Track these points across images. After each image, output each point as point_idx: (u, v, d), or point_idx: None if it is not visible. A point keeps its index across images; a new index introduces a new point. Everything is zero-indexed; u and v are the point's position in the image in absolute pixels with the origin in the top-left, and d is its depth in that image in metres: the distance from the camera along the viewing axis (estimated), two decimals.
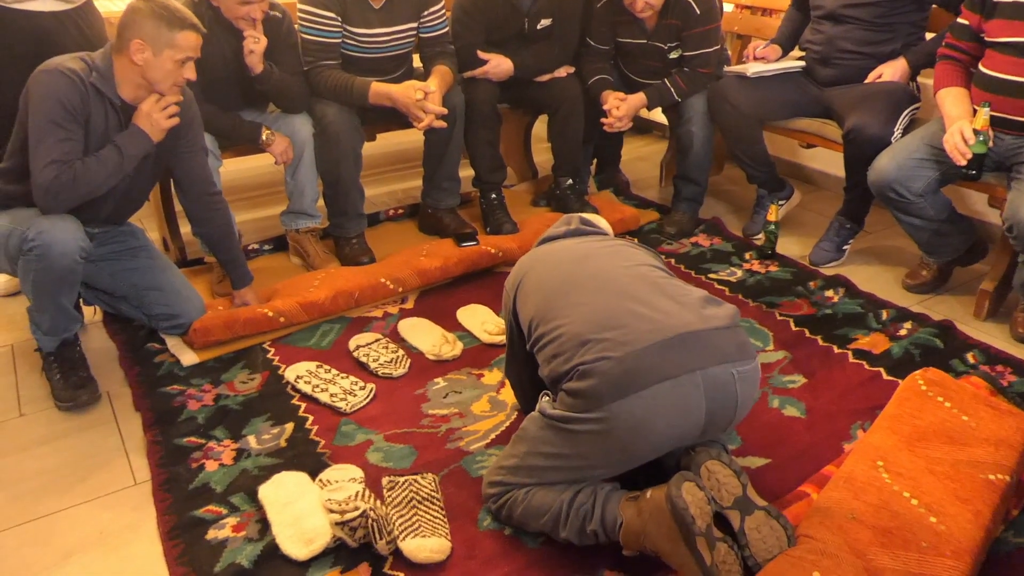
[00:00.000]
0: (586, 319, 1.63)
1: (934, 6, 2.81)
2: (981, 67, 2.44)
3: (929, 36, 2.84)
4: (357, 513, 1.62)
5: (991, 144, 2.34)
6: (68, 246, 2.02)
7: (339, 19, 2.75)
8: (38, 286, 2.09)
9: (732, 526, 1.54)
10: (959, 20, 2.51)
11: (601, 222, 2.12)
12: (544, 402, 1.67)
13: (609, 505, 1.58)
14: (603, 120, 3.08)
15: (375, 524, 1.63)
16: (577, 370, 1.56)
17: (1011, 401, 2.00)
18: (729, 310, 1.68)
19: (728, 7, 3.53)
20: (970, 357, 2.34)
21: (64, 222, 2.04)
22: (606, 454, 1.59)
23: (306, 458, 1.96)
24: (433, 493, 1.81)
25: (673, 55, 3.07)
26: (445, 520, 1.74)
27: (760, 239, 3.08)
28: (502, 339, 2.44)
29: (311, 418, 2.12)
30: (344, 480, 1.83)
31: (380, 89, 2.76)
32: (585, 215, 2.11)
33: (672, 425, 1.56)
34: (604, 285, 1.71)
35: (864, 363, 2.32)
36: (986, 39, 2.41)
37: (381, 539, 1.63)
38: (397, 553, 1.66)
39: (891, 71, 2.79)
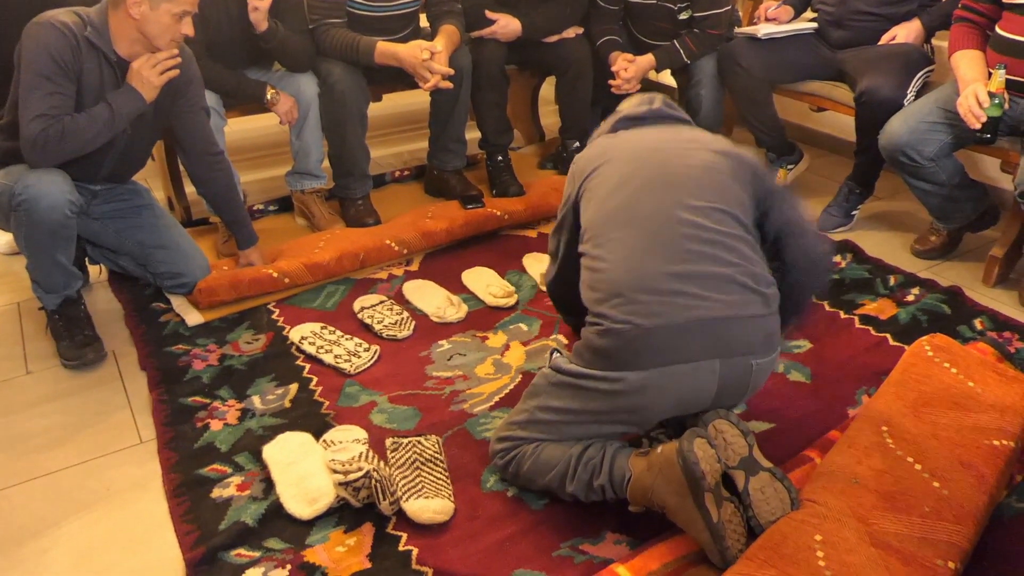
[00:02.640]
0: (628, 270, 1.59)
1: None
2: (998, 29, 2.39)
3: None
4: (361, 474, 1.62)
5: (1006, 107, 2.30)
6: (56, 199, 2.01)
7: None
8: (30, 241, 2.08)
9: (736, 486, 1.54)
10: None
11: (679, 110, 1.98)
12: (557, 357, 1.69)
13: (618, 460, 1.59)
14: (611, 82, 3.04)
15: (379, 485, 1.63)
16: (602, 323, 1.56)
17: (1018, 367, 2.00)
18: (770, 291, 1.62)
19: None
20: (978, 323, 2.32)
21: (51, 176, 2.03)
22: (613, 413, 1.61)
23: (310, 419, 1.97)
24: (436, 455, 1.81)
25: (683, 16, 3.02)
26: (448, 481, 1.75)
27: None
28: (507, 302, 2.44)
29: (315, 379, 2.12)
30: (348, 441, 1.84)
31: (386, 48, 2.72)
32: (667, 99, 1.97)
33: (680, 401, 1.59)
34: (658, 233, 1.62)
35: (870, 329, 2.31)
36: (1004, 0, 2.37)
37: (384, 500, 1.64)
38: (400, 514, 1.67)
39: (905, 32, 2.74)
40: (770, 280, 1.65)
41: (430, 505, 1.66)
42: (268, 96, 2.67)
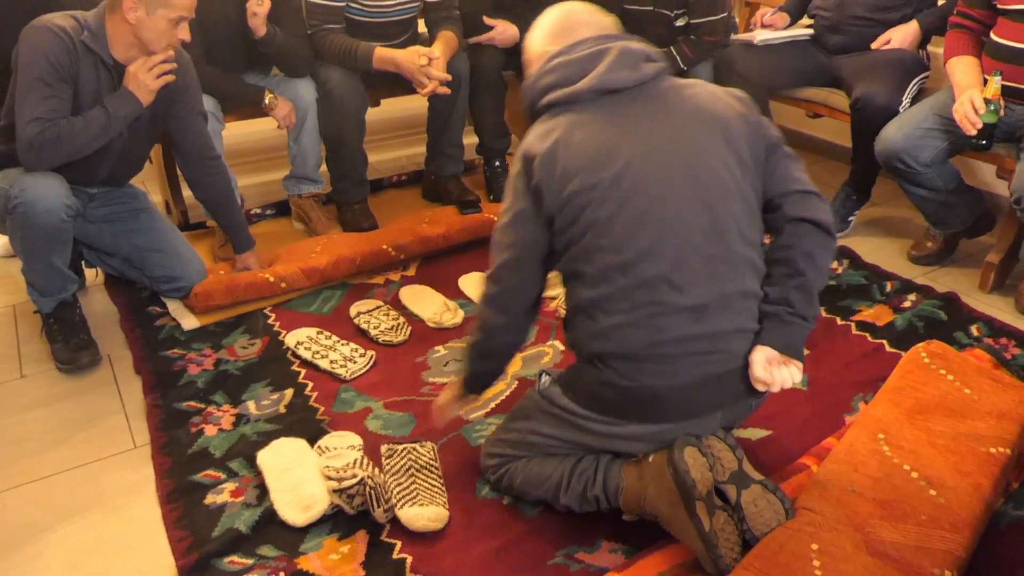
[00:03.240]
0: (641, 338, 1.44)
1: None
2: (993, 35, 2.40)
3: (941, 2, 2.78)
4: (355, 481, 1.62)
5: (1002, 114, 2.30)
6: (52, 203, 2.01)
7: None
8: (26, 245, 2.08)
9: (729, 500, 1.53)
10: None
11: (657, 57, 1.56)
12: (552, 388, 1.61)
13: (612, 470, 1.59)
14: None
15: (373, 492, 1.62)
16: (604, 373, 1.49)
17: (1014, 374, 1.99)
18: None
19: None
20: (974, 330, 2.32)
21: (48, 179, 2.03)
22: (610, 445, 1.60)
23: (305, 424, 1.96)
24: (431, 462, 1.81)
25: (679, 22, 3.02)
26: (443, 488, 1.74)
27: None
28: None
29: (311, 384, 2.12)
30: (343, 447, 1.83)
31: (384, 54, 2.72)
32: (648, 48, 1.53)
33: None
34: (677, 294, 1.44)
35: (867, 335, 2.30)
36: (999, 6, 2.37)
37: (379, 507, 1.63)
38: (395, 521, 1.66)
39: (900, 36, 2.74)
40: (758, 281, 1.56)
41: (424, 512, 1.65)
42: (266, 100, 2.67)
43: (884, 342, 2.27)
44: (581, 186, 1.43)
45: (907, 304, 2.45)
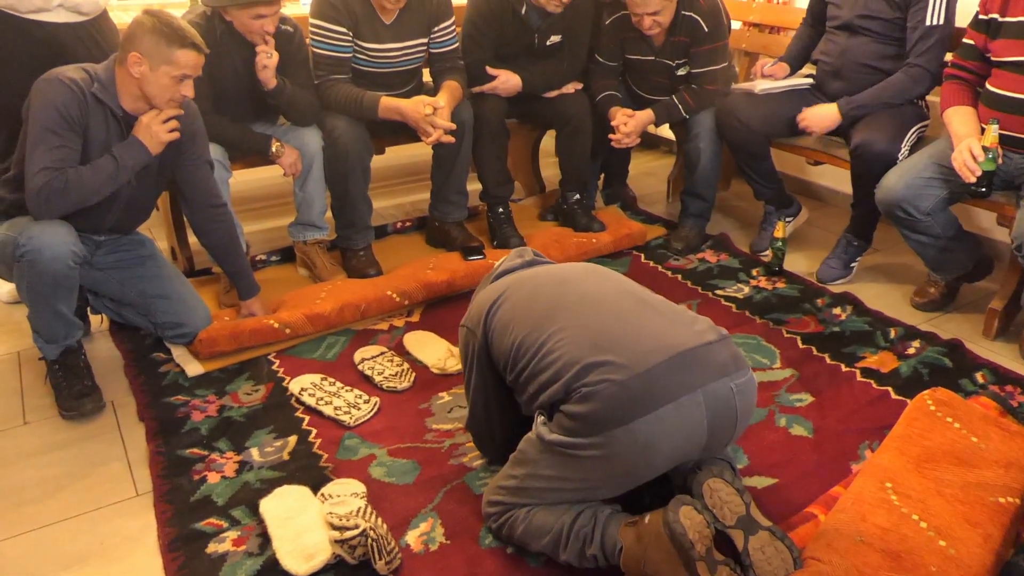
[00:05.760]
0: (583, 341, 1.59)
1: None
2: (988, 86, 2.44)
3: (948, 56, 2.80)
4: (357, 532, 1.60)
5: (1000, 162, 2.32)
6: (58, 251, 2.02)
7: (350, 34, 2.76)
8: (32, 292, 2.09)
9: (736, 546, 1.52)
10: (965, 40, 2.52)
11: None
12: (542, 427, 1.62)
13: (609, 530, 1.57)
14: (611, 136, 3.08)
15: (375, 544, 1.60)
16: (579, 391, 1.53)
17: (1021, 422, 1.99)
18: (709, 322, 1.69)
19: (736, 24, 3.54)
20: (979, 377, 2.32)
21: (55, 227, 2.05)
22: (609, 476, 1.58)
23: (308, 472, 1.95)
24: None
25: (681, 72, 3.07)
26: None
27: (767, 255, 3.07)
28: None
29: (314, 431, 2.11)
30: (346, 495, 1.82)
31: (390, 104, 2.77)
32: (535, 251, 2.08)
33: (676, 446, 1.56)
34: (595, 306, 1.68)
35: (872, 382, 2.30)
36: (992, 59, 2.41)
37: (380, 559, 1.61)
38: (397, 571, 1.64)
39: (817, 118, 2.83)
40: (697, 315, 1.72)
41: None
42: (273, 149, 2.70)
43: (889, 389, 2.26)
44: (483, 319, 1.79)
45: (911, 351, 2.45)
